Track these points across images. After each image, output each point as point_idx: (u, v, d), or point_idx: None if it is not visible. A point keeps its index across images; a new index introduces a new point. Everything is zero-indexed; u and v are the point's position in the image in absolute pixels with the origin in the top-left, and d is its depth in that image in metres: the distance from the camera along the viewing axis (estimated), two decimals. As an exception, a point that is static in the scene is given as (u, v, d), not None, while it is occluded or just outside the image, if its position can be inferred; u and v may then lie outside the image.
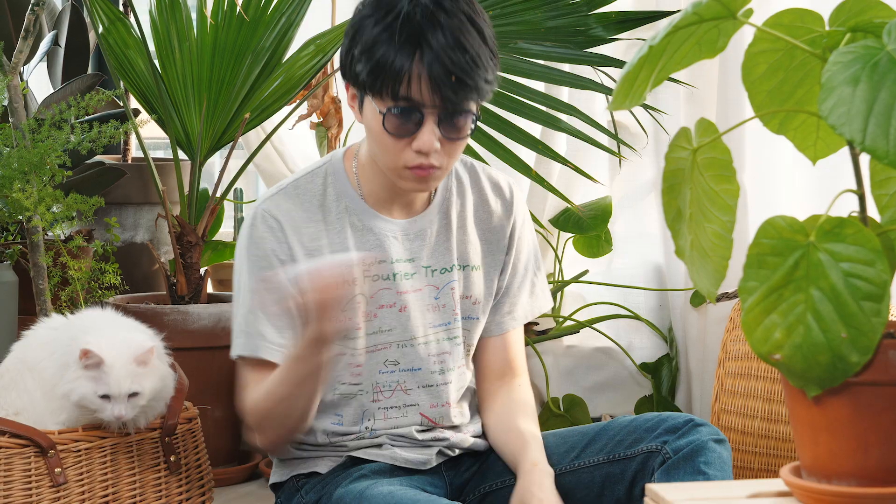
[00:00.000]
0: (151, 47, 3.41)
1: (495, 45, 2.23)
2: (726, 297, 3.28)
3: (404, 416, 2.36)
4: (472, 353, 2.43)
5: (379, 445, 2.35)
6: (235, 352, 2.30)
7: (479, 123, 3.00)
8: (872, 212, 1.57)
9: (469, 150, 3.33)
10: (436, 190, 2.38)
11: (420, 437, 2.36)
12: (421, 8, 2.17)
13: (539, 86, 3.47)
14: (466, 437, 2.41)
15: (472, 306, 2.39)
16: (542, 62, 3.33)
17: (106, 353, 2.34)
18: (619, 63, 3.27)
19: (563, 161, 3.32)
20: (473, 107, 2.21)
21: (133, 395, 2.36)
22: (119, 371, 2.34)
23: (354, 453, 2.34)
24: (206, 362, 3.25)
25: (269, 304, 2.26)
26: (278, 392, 2.22)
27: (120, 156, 4.01)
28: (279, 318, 2.27)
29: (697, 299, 3.51)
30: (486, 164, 2.49)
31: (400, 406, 2.35)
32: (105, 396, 2.35)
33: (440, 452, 2.38)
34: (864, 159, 1.53)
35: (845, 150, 1.58)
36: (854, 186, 1.55)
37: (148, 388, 2.38)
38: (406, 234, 2.34)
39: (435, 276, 2.35)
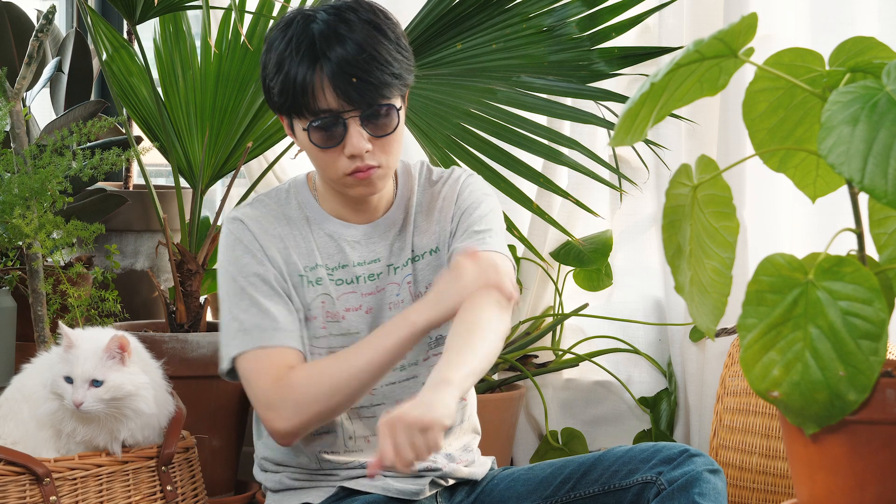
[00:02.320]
0: (155, 75, 3.42)
1: (402, 40, 2.26)
2: (725, 332, 3.28)
3: (377, 416, 2.34)
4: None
5: (371, 476, 2.34)
6: (241, 349, 2.26)
7: (480, 155, 2.96)
8: (871, 250, 1.58)
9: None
10: (396, 193, 2.41)
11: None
12: (320, 22, 2.21)
13: (541, 119, 3.48)
14: (459, 468, 2.40)
15: None
16: (544, 96, 3.34)
17: (77, 336, 2.36)
18: (621, 98, 3.28)
19: (565, 194, 3.33)
20: (395, 101, 2.24)
21: (96, 384, 2.35)
22: (84, 354, 2.35)
23: (346, 483, 2.34)
24: (204, 391, 3.24)
25: (260, 297, 2.28)
26: (355, 362, 2.21)
27: (121, 183, 4.02)
28: (275, 307, 2.28)
29: (696, 334, 3.51)
30: None
31: (368, 406, 2.35)
32: (69, 379, 2.35)
33: (433, 482, 2.37)
34: (863, 198, 1.53)
35: (844, 189, 1.59)
36: (853, 225, 1.55)
37: (113, 381, 2.37)
38: (369, 238, 2.37)
39: (397, 273, 2.37)
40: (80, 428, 2.42)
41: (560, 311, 3.69)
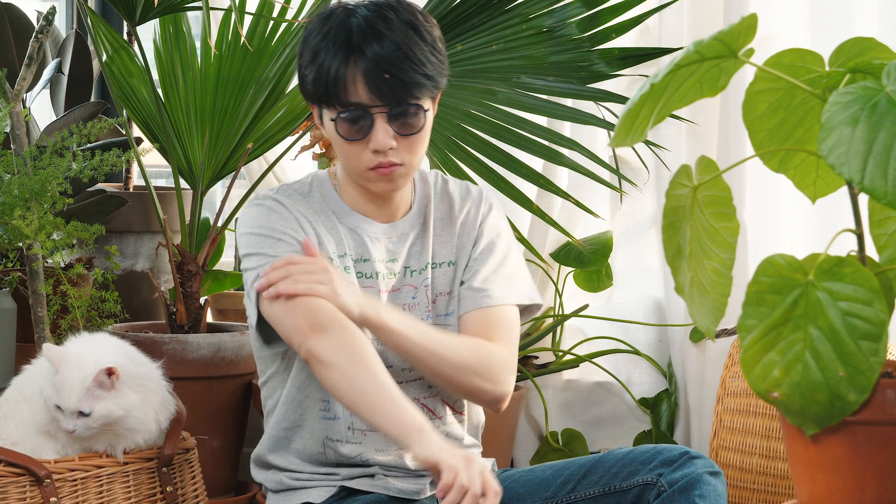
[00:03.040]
0: (155, 76, 3.42)
1: (438, 43, 2.30)
2: (725, 333, 3.28)
3: None
4: None
5: (371, 476, 2.35)
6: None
7: (480, 156, 2.95)
8: (871, 251, 1.58)
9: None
10: (414, 197, 2.42)
11: (412, 465, 2.36)
12: (360, 17, 2.25)
13: (541, 120, 3.48)
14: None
15: (447, 302, 2.40)
16: (544, 97, 3.34)
17: (60, 360, 2.34)
18: (621, 99, 3.28)
19: (565, 195, 3.33)
20: (424, 102, 2.27)
21: (83, 414, 2.34)
22: (69, 385, 2.33)
23: (347, 483, 2.34)
24: (205, 392, 3.25)
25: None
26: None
27: (121, 184, 4.02)
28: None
29: (697, 335, 3.51)
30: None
31: None
32: (59, 408, 2.35)
33: (433, 482, 2.37)
34: (863, 199, 1.53)
35: (844, 190, 1.59)
36: (853, 226, 1.55)
37: (99, 412, 2.35)
38: (388, 237, 2.39)
39: (413, 276, 2.39)
40: (77, 442, 2.42)
41: (560, 312, 3.69)
